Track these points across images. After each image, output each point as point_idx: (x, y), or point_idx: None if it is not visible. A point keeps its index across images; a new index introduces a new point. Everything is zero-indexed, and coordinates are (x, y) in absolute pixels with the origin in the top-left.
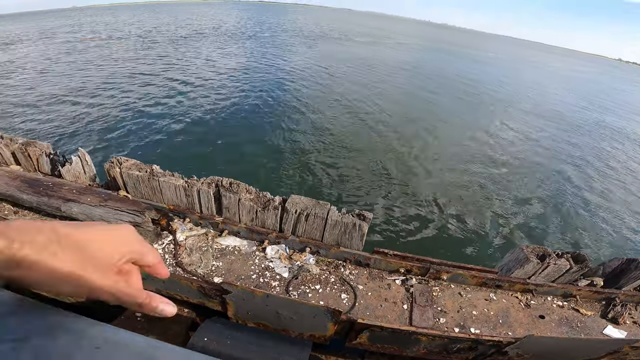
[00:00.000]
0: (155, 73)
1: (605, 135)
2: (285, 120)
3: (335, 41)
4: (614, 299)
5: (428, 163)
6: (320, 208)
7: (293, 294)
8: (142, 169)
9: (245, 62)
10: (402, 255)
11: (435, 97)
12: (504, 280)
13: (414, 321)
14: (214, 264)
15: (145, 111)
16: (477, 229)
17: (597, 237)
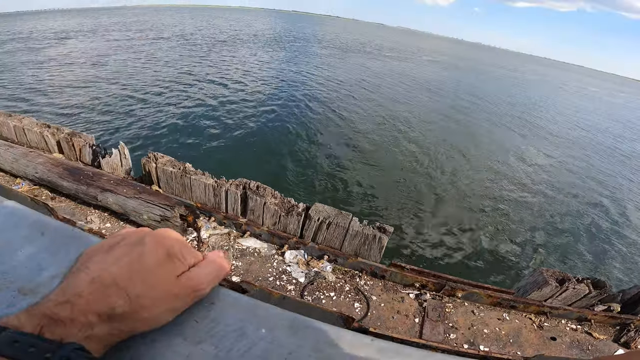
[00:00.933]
0: (196, 75)
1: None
2: (316, 131)
3: (367, 55)
4: (629, 324)
5: (456, 183)
6: (343, 218)
7: (307, 299)
8: (175, 166)
9: (280, 70)
10: (419, 270)
11: (467, 119)
12: (519, 302)
13: (424, 335)
14: (233, 264)
15: (183, 111)
16: (500, 251)
17: (621, 266)
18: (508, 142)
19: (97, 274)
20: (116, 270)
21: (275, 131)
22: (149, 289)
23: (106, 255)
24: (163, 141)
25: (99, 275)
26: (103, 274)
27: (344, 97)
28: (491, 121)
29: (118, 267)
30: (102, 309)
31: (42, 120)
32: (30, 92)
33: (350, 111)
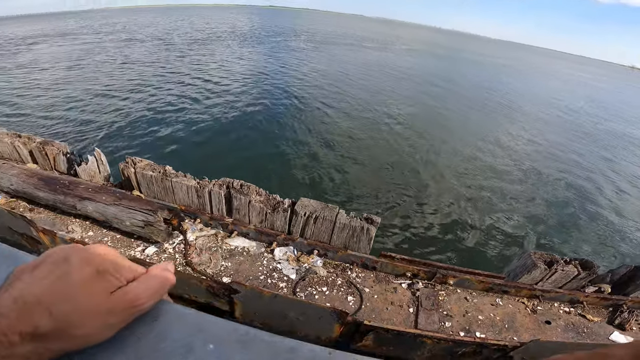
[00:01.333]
0: (173, 75)
1: (618, 145)
2: (297, 125)
3: (347, 46)
4: (621, 305)
5: (439, 170)
6: (329, 211)
7: (300, 295)
8: (155, 170)
9: (259, 66)
10: (409, 260)
11: (447, 105)
12: (510, 286)
13: (419, 324)
14: (222, 264)
15: (160, 113)
16: (486, 235)
17: (606, 245)
18: (489, 127)
19: (20, 293)
20: (39, 289)
21: (258, 128)
22: (76, 306)
23: (31, 274)
24: (142, 145)
25: (22, 294)
26: (25, 293)
27: (325, 89)
28: (470, 107)
29: (41, 286)
30: (24, 329)
31: (12, 130)
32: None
33: (332, 103)
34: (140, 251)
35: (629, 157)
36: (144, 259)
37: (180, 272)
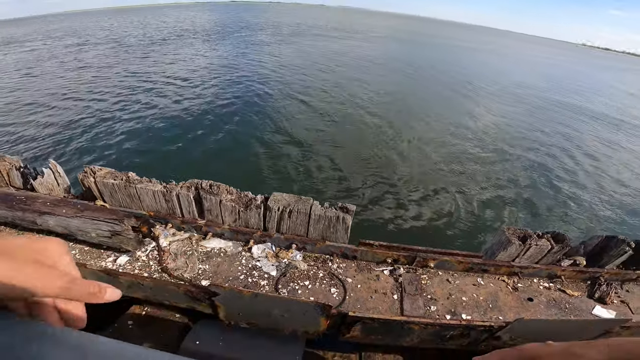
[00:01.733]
0: (135, 78)
1: (576, 118)
2: (268, 120)
3: (315, 37)
4: (598, 278)
5: (411, 155)
6: (303, 204)
7: (282, 292)
8: (117, 177)
9: (225, 63)
10: (388, 245)
11: (415, 90)
12: (489, 265)
13: (405, 311)
14: (200, 267)
15: (121, 117)
16: (462, 215)
17: (574, 215)
18: (458, 109)
19: None
20: None
21: (229, 126)
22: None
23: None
24: (104, 152)
25: None
26: None
27: (296, 81)
28: (438, 90)
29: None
30: None
31: None
32: None
33: (304, 94)
34: (111, 261)
35: (584, 128)
36: (117, 269)
37: (156, 279)
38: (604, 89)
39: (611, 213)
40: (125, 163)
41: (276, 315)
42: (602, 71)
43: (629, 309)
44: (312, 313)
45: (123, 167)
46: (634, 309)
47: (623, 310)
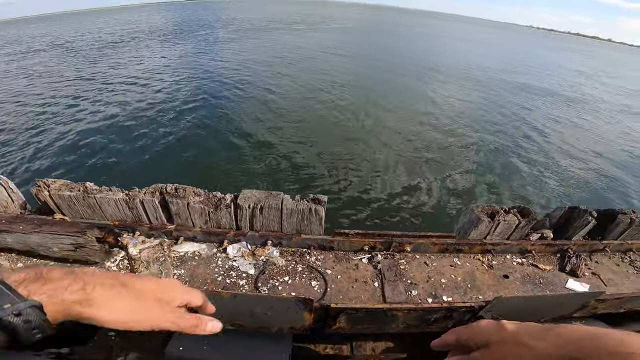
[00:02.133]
0: (86, 84)
1: (530, 97)
2: (236, 118)
3: (278, 31)
4: (566, 250)
5: (374, 141)
6: (274, 199)
7: (263, 290)
8: (73, 189)
9: (188, 62)
10: (364, 233)
11: (380, 76)
12: (463, 244)
13: (387, 298)
14: (175, 273)
15: (78, 126)
16: (432, 195)
17: (536, 189)
18: (421, 93)
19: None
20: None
21: (195, 126)
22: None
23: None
24: (58, 163)
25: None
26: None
27: (262, 76)
28: (401, 74)
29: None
30: (73, 286)
31: None
32: None
33: (270, 90)
34: None
35: (538, 106)
36: None
37: None
38: (554, 68)
39: (569, 185)
40: (82, 173)
41: (259, 314)
42: (550, 51)
43: (601, 281)
44: (295, 308)
45: (80, 178)
46: (605, 280)
47: (595, 282)
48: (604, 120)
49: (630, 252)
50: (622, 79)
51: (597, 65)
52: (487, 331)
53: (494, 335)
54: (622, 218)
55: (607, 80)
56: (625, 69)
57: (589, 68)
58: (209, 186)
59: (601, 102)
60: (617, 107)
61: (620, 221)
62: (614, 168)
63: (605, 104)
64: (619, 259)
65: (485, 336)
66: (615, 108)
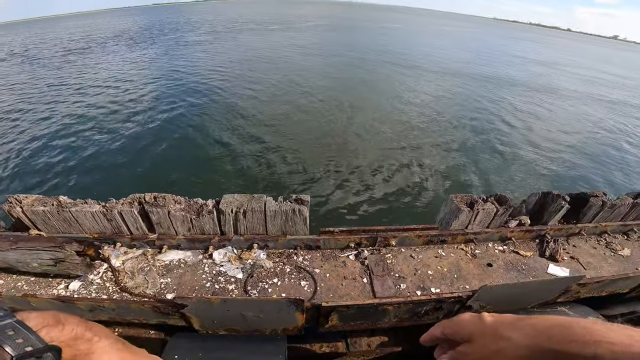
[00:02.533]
0: (51, 92)
1: (499, 87)
2: (215, 121)
3: (252, 32)
4: (544, 235)
5: (353, 138)
6: (256, 202)
7: (253, 293)
8: (47, 203)
9: (161, 67)
10: (349, 230)
11: (355, 71)
12: (446, 235)
13: (376, 293)
14: (162, 282)
15: (45, 137)
16: (412, 187)
17: (510, 176)
18: (397, 86)
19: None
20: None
21: (173, 133)
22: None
23: None
24: (32, 180)
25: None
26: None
27: (238, 78)
28: (374, 69)
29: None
30: (85, 336)
31: None
32: None
33: (247, 91)
34: (63, 288)
35: (507, 95)
36: (71, 294)
37: (117, 300)
38: (515, 59)
39: (538, 171)
40: (55, 184)
41: (251, 318)
42: (515, 42)
43: (580, 265)
44: (286, 310)
45: (55, 191)
46: (584, 264)
47: (575, 266)
48: (565, 106)
49: (605, 235)
50: (579, 67)
51: (557, 54)
52: (469, 325)
53: (475, 329)
54: (594, 201)
55: (565, 68)
56: (581, 57)
57: (548, 57)
58: (183, 193)
59: (562, 90)
60: (576, 94)
61: (593, 204)
62: (578, 152)
63: (565, 91)
64: (595, 242)
65: (468, 330)
66: (573, 95)
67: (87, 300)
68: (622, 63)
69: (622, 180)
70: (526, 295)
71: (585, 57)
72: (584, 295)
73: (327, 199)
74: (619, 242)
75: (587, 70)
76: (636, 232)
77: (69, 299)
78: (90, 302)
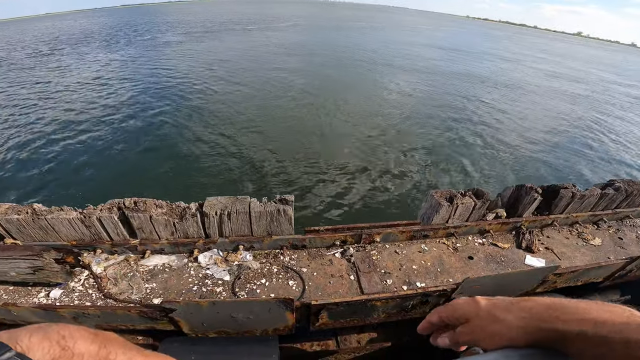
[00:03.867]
0: (19, 97)
1: (472, 83)
2: (194, 124)
3: (231, 32)
4: (519, 227)
5: (334, 137)
6: (241, 203)
7: (241, 295)
8: (21, 211)
9: (135, 70)
10: (334, 228)
11: (333, 70)
12: (428, 229)
13: (364, 289)
14: (147, 287)
15: (16, 147)
16: (394, 183)
17: (485, 169)
18: (373, 84)
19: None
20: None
21: (147, 136)
22: None
23: None
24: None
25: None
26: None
27: (219, 79)
28: (351, 67)
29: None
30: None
31: None
32: None
33: (228, 92)
34: (44, 297)
35: (480, 92)
36: (53, 302)
37: (102, 306)
38: (488, 56)
39: (513, 164)
40: (26, 192)
41: (241, 319)
42: (488, 40)
43: (555, 255)
44: (276, 309)
45: (27, 199)
46: (559, 254)
47: (550, 257)
48: (532, 100)
49: (576, 225)
50: (545, 63)
51: (525, 51)
52: (465, 307)
53: (470, 311)
54: (564, 192)
55: (532, 64)
56: (547, 54)
57: (516, 54)
58: (161, 198)
59: (528, 85)
60: (541, 89)
61: (563, 195)
62: (545, 145)
63: (531, 86)
64: (568, 232)
65: (464, 312)
66: (539, 90)
67: (70, 307)
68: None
69: (590, 172)
70: (507, 287)
71: (550, 54)
72: (561, 285)
73: (311, 199)
74: (590, 232)
75: (552, 66)
76: (606, 222)
77: (52, 307)
78: (74, 309)
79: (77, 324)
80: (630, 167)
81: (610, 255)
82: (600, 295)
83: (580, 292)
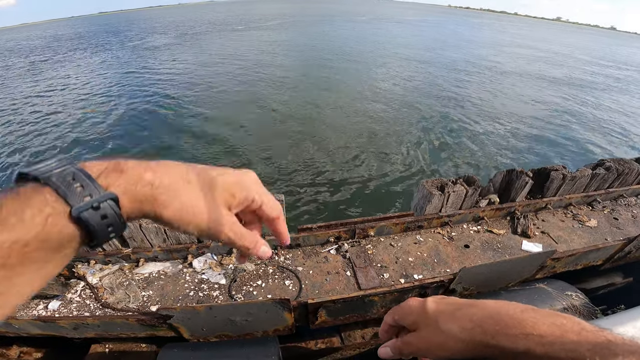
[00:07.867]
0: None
1: (453, 70)
2: (181, 127)
3: (219, 33)
4: (514, 212)
5: (331, 130)
6: None
7: (238, 297)
8: None
9: (123, 74)
10: (327, 225)
11: (321, 66)
12: (422, 220)
13: (361, 285)
14: (144, 294)
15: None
16: (386, 175)
17: (475, 156)
18: (362, 77)
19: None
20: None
21: (134, 141)
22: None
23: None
24: None
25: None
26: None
27: (207, 81)
28: (340, 62)
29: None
30: (144, 179)
31: None
32: None
33: (214, 94)
34: (43, 308)
35: (466, 79)
36: (52, 314)
37: (100, 316)
38: (472, 43)
39: (500, 149)
40: None
41: (240, 322)
42: (470, 28)
43: (552, 239)
44: (274, 310)
45: None
46: (555, 237)
47: (547, 241)
48: (515, 85)
49: (571, 207)
50: (527, 48)
51: (507, 38)
52: (414, 312)
53: (419, 318)
54: (554, 175)
55: (514, 50)
56: (528, 39)
57: (499, 41)
58: None
59: (511, 70)
60: (524, 74)
61: (554, 177)
62: (529, 129)
63: (513, 71)
64: (563, 215)
65: (413, 318)
66: (522, 75)
67: (69, 318)
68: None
69: (578, 152)
70: (505, 274)
71: (531, 40)
72: (560, 269)
73: (301, 197)
74: (585, 213)
75: (533, 51)
76: (600, 202)
77: (51, 318)
78: (74, 320)
79: (78, 333)
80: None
81: (607, 237)
82: (602, 278)
83: (580, 276)
